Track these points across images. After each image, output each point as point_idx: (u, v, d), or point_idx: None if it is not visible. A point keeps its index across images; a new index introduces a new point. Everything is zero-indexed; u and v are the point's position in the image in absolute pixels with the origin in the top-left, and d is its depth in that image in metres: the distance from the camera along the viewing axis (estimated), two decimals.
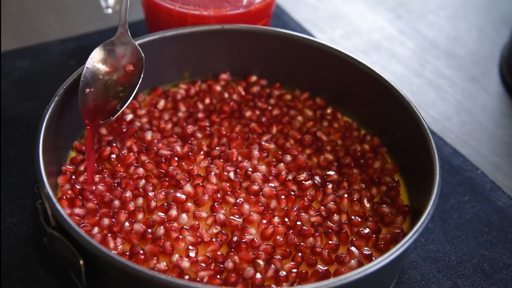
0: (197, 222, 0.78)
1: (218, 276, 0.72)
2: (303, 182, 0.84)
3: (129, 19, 0.86)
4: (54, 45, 1.10)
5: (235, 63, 0.97)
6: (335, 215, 0.80)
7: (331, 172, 0.86)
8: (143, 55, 0.83)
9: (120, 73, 0.82)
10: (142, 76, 0.81)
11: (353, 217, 0.80)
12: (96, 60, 0.82)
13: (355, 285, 0.66)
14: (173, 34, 0.90)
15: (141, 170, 0.83)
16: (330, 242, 0.78)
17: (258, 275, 0.73)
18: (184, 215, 0.78)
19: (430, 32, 1.26)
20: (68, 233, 0.67)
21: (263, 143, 0.88)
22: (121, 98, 0.80)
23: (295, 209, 0.80)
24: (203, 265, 0.73)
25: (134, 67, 0.82)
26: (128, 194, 0.79)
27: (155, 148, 0.86)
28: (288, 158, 0.87)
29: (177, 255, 0.74)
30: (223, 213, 0.79)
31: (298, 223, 0.79)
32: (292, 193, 0.82)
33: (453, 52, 1.21)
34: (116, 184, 0.81)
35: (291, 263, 0.75)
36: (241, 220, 0.78)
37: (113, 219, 0.77)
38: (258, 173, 0.84)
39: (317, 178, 0.85)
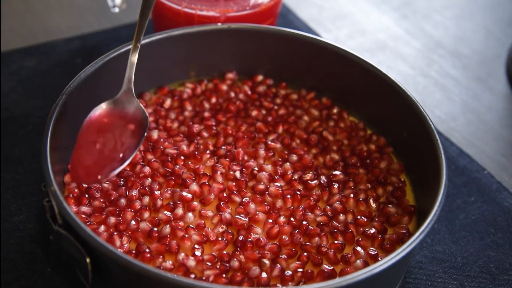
0: (203, 221, 0.78)
1: (224, 275, 0.72)
2: (309, 181, 0.84)
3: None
4: (60, 44, 1.10)
5: (241, 63, 0.97)
6: (341, 215, 0.80)
7: (337, 172, 0.85)
8: (147, 114, 0.80)
9: (122, 132, 0.79)
10: (144, 136, 0.78)
11: (359, 217, 0.80)
12: (98, 116, 0.79)
13: (360, 285, 0.66)
14: (180, 33, 0.90)
15: (147, 169, 0.83)
16: (336, 242, 0.78)
17: (264, 275, 0.73)
18: (190, 214, 0.78)
19: (435, 32, 1.25)
20: (75, 231, 0.67)
21: (269, 142, 0.88)
22: (121, 158, 0.77)
23: (301, 208, 0.80)
24: (209, 264, 0.74)
25: (137, 127, 0.79)
26: (135, 192, 0.80)
27: (161, 147, 0.86)
28: (294, 157, 0.87)
29: (183, 254, 0.74)
30: (229, 212, 0.79)
31: (304, 222, 0.79)
32: (298, 192, 0.82)
33: (459, 52, 1.21)
34: (122, 183, 0.81)
35: (297, 262, 0.75)
36: (247, 219, 0.78)
37: (120, 218, 0.77)
38: (264, 173, 0.84)
39: (323, 177, 0.85)
